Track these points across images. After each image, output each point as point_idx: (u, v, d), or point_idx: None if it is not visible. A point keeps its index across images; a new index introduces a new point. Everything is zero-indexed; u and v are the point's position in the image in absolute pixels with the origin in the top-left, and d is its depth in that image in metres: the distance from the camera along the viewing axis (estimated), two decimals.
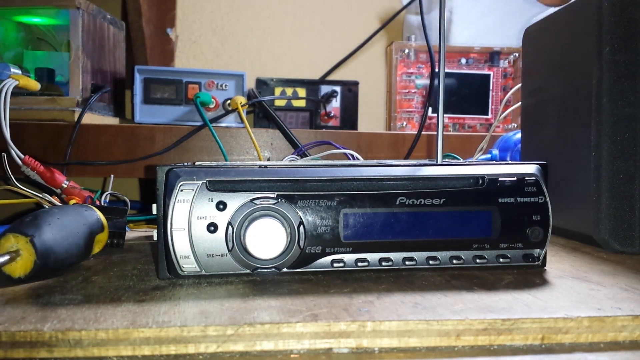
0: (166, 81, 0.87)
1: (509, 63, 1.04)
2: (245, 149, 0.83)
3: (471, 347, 0.29)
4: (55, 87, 0.81)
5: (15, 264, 0.35)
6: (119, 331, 0.27)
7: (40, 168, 0.61)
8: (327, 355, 0.28)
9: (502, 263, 0.39)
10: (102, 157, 0.79)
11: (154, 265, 0.41)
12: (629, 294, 0.34)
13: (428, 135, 0.90)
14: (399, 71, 1.03)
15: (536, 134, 0.60)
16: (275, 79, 0.97)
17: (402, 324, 0.28)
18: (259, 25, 1.21)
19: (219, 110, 0.87)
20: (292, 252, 0.37)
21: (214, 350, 0.28)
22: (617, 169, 0.46)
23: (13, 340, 0.27)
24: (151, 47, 1.03)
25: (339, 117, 0.99)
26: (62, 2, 0.79)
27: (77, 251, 0.38)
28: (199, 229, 0.36)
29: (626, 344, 0.29)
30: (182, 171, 0.36)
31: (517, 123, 0.98)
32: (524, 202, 0.39)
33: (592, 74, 0.48)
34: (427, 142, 0.88)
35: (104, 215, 0.45)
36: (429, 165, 0.40)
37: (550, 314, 0.30)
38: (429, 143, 0.89)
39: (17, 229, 0.35)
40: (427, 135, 0.89)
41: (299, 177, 0.37)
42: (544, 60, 0.58)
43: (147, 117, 0.86)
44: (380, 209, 0.38)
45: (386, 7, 1.22)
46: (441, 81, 0.42)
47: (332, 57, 1.15)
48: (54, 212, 0.38)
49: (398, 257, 0.38)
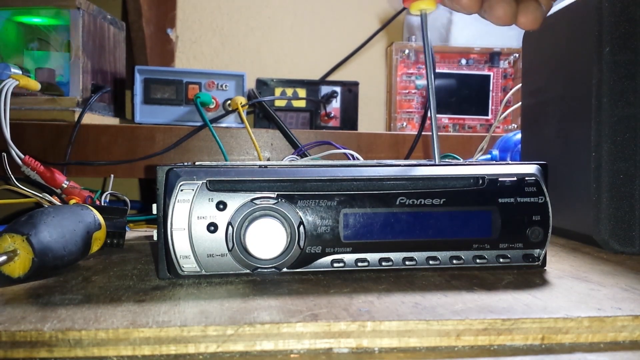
0: (166, 81, 0.87)
1: (509, 64, 1.04)
2: (246, 149, 0.83)
3: (471, 347, 0.29)
4: (56, 87, 0.81)
5: (14, 263, 0.35)
6: (119, 331, 0.27)
7: (40, 168, 0.61)
8: (327, 355, 0.28)
9: (502, 263, 0.39)
10: (102, 157, 0.79)
11: (154, 265, 0.41)
12: (629, 294, 0.34)
13: (428, 135, 0.90)
14: (399, 72, 1.03)
15: (536, 134, 0.60)
16: (276, 80, 0.97)
17: (402, 324, 0.28)
18: (259, 25, 1.21)
19: (219, 111, 0.87)
20: (292, 252, 0.37)
21: (214, 350, 0.28)
22: (617, 169, 0.46)
23: (13, 340, 0.27)
24: (151, 47, 1.03)
25: (339, 118, 0.99)
26: (63, 2, 0.79)
27: (75, 249, 0.38)
28: (199, 228, 0.36)
29: (626, 344, 0.29)
30: (182, 171, 0.36)
31: (517, 124, 0.98)
32: (524, 202, 0.39)
33: (592, 74, 0.48)
34: (427, 143, 0.88)
35: (104, 215, 0.45)
36: (429, 165, 0.40)
37: (550, 314, 0.30)
38: (429, 144, 0.89)
39: (13, 229, 0.35)
40: (428, 136, 0.89)
41: (299, 177, 0.37)
42: (544, 61, 0.58)
43: (148, 118, 0.86)
44: (381, 209, 0.38)
45: (386, 7, 1.22)
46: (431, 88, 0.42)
47: (332, 57, 1.15)
48: (50, 212, 0.38)
49: (398, 257, 0.38)
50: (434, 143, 0.43)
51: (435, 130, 0.43)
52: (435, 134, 0.43)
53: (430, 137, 0.89)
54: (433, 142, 0.43)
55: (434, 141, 0.43)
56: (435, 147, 0.43)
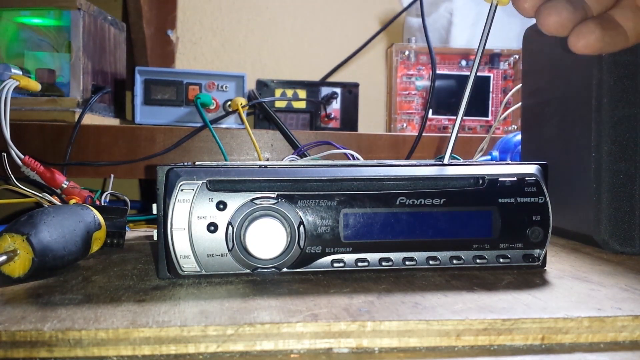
0: (167, 82, 0.87)
1: (509, 65, 1.04)
2: (246, 150, 0.83)
3: (471, 347, 0.29)
4: (56, 88, 0.81)
5: (14, 263, 0.35)
6: (119, 331, 0.27)
7: (40, 168, 0.61)
8: (327, 355, 0.28)
9: (502, 263, 0.39)
10: (102, 157, 0.79)
11: (154, 265, 0.41)
12: (629, 294, 0.34)
13: (428, 136, 0.90)
14: (399, 73, 1.03)
15: (536, 135, 0.60)
16: (276, 81, 0.97)
17: (402, 324, 0.28)
18: (260, 26, 1.21)
19: (220, 112, 0.87)
20: (292, 252, 0.37)
21: (214, 350, 0.28)
22: (617, 170, 0.46)
23: (13, 340, 0.27)
24: (152, 48, 1.03)
25: (339, 119, 0.99)
26: (63, 3, 0.79)
27: (75, 249, 0.38)
28: (199, 228, 0.36)
29: (626, 344, 0.29)
30: (182, 171, 0.36)
31: (517, 125, 0.98)
32: (524, 202, 0.39)
33: (593, 74, 0.48)
34: (427, 144, 0.88)
35: (104, 214, 0.45)
36: (429, 165, 0.40)
37: (551, 314, 0.30)
38: (429, 144, 0.89)
39: (13, 229, 0.35)
40: (428, 137, 0.89)
41: (299, 177, 0.37)
42: (544, 61, 0.58)
43: (148, 118, 0.86)
44: (381, 209, 0.38)
45: (386, 8, 1.22)
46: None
47: (332, 58, 1.15)
48: (49, 211, 0.38)
49: (398, 257, 0.38)
50: (450, 142, 0.43)
51: (456, 131, 0.42)
52: (454, 134, 0.42)
53: (430, 138, 0.89)
54: (450, 141, 0.43)
55: (451, 140, 0.43)
56: (450, 146, 0.43)
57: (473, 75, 0.41)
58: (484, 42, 0.41)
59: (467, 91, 0.42)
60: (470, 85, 0.41)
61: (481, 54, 0.41)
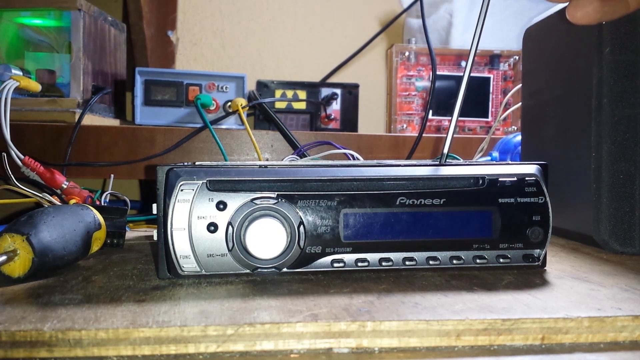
0: (167, 83, 0.87)
1: (509, 66, 1.04)
2: (246, 150, 0.83)
3: (471, 347, 0.29)
4: (56, 89, 0.81)
5: (14, 263, 0.35)
6: (119, 331, 0.27)
7: (40, 169, 0.61)
8: (327, 355, 0.28)
9: (502, 263, 0.39)
10: (102, 158, 0.79)
11: (154, 265, 0.41)
12: (629, 294, 0.34)
13: (429, 137, 0.90)
14: (399, 74, 1.03)
15: (536, 135, 0.60)
16: (276, 82, 0.97)
17: (402, 324, 0.28)
18: (260, 27, 1.21)
19: (220, 112, 0.88)
20: (292, 252, 0.37)
21: (214, 350, 0.28)
22: (617, 170, 0.46)
23: (13, 340, 0.27)
24: (152, 49, 1.03)
25: (339, 120, 0.99)
26: (64, 3, 0.79)
27: (75, 249, 0.38)
28: (199, 228, 0.36)
29: (626, 344, 0.29)
30: (182, 171, 0.36)
31: (517, 125, 0.98)
32: (524, 202, 0.39)
33: (592, 74, 0.48)
34: (427, 144, 0.88)
35: (104, 215, 0.45)
36: (429, 165, 0.40)
37: (550, 314, 0.30)
38: (429, 145, 0.89)
39: (13, 229, 0.35)
40: (428, 137, 0.89)
41: (299, 177, 0.37)
42: (544, 61, 0.58)
43: (148, 119, 0.86)
44: (381, 209, 0.38)
45: (386, 9, 1.22)
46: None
47: (332, 59, 1.15)
48: (50, 211, 0.38)
49: (398, 257, 0.38)
50: (447, 140, 0.42)
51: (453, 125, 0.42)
52: (451, 131, 0.42)
53: (430, 139, 0.89)
54: (447, 140, 0.42)
55: (448, 139, 0.42)
56: (447, 144, 0.42)
57: (469, 65, 0.41)
58: (478, 33, 0.41)
59: (463, 84, 0.41)
60: (467, 77, 0.41)
61: (476, 45, 0.41)
